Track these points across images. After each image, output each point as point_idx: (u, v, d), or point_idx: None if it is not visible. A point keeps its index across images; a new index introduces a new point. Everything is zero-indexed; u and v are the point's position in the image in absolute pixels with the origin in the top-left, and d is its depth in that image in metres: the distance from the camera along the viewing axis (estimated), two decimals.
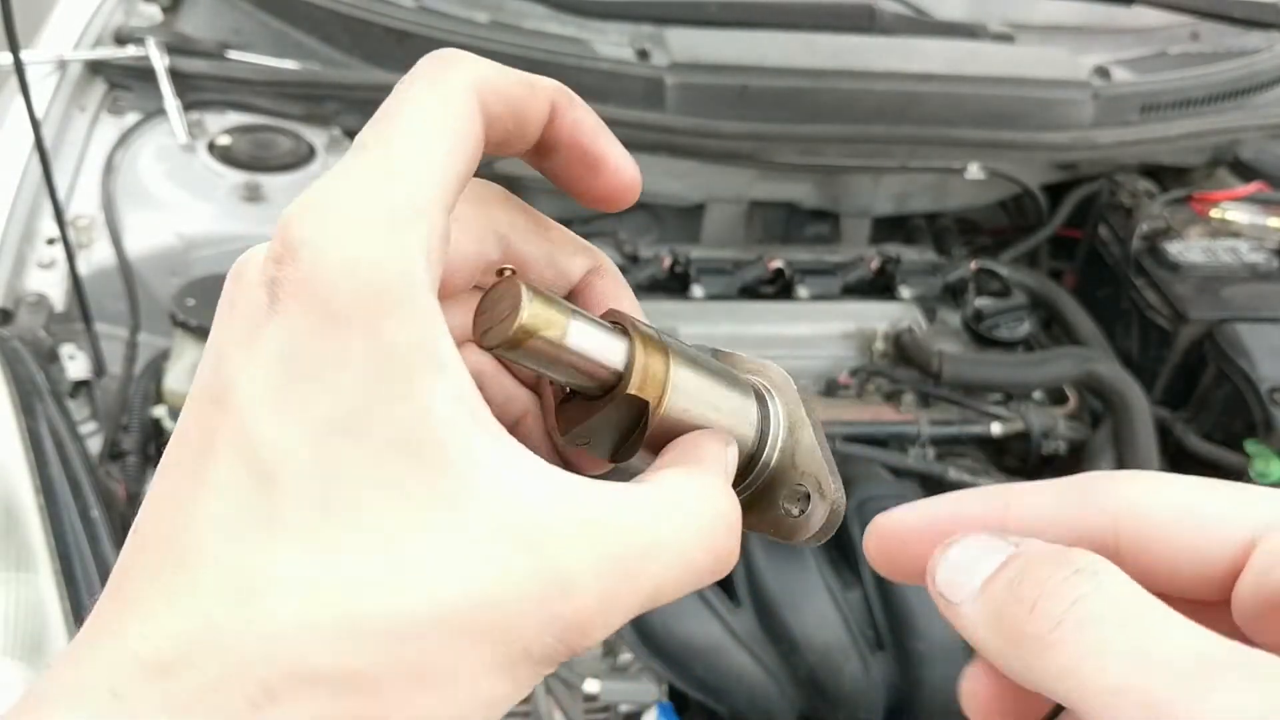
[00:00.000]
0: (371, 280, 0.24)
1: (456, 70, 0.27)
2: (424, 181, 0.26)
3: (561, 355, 0.29)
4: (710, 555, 0.28)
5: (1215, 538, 0.26)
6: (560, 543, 0.25)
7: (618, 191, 0.32)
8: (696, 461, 0.30)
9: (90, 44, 1.44)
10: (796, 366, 1.37)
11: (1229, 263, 1.40)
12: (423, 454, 0.24)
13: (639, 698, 1.07)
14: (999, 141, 1.49)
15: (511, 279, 0.29)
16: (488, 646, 0.24)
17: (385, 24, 1.42)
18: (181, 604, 0.23)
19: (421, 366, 0.25)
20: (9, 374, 1.02)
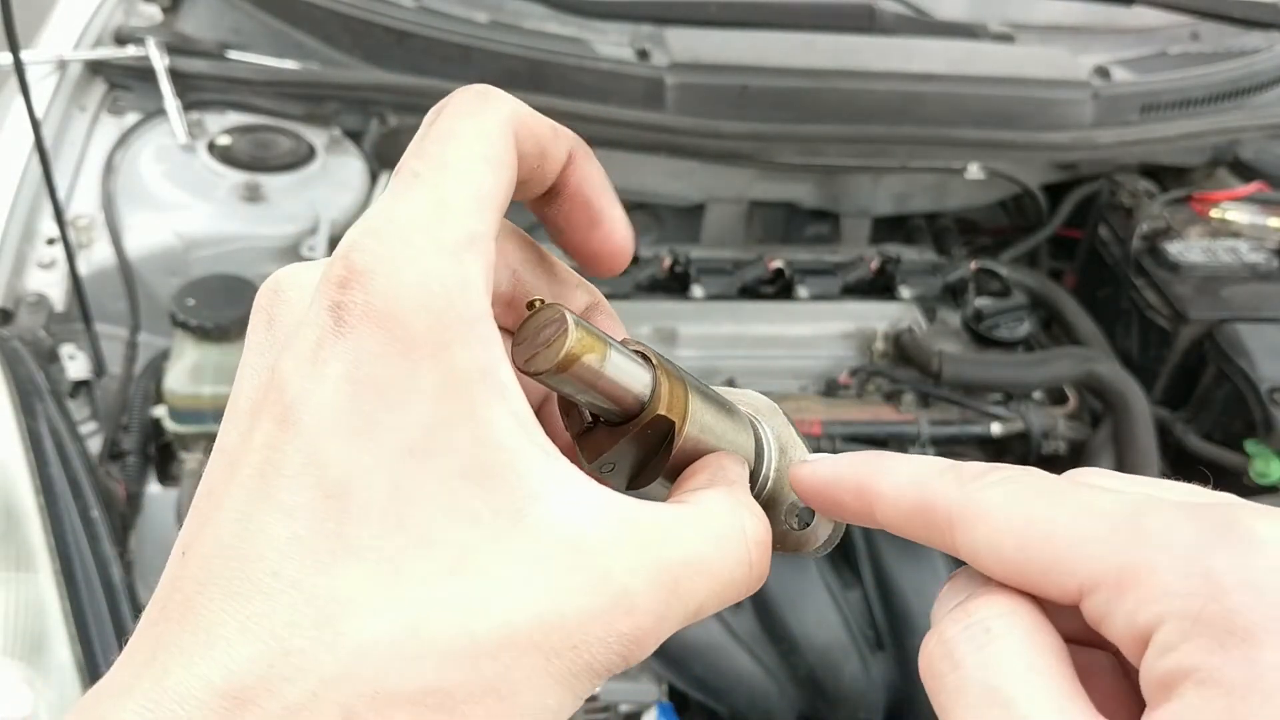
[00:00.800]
0: (441, 306, 0.25)
1: (497, 104, 0.29)
2: (477, 211, 0.27)
3: (599, 381, 0.30)
4: (745, 571, 0.29)
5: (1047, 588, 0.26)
6: (619, 560, 0.26)
7: (610, 251, 0.32)
8: (728, 483, 0.31)
9: (90, 44, 1.44)
10: (796, 366, 1.37)
11: (1229, 263, 1.40)
12: (488, 477, 0.25)
13: (639, 698, 1.07)
14: (999, 141, 1.49)
15: (554, 306, 0.30)
16: (556, 661, 0.25)
17: (385, 24, 1.42)
18: (256, 629, 0.23)
19: (486, 391, 0.26)
20: (9, 374, 1.02)
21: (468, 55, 1.42)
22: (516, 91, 0.30)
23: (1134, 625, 0.24)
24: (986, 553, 0.27)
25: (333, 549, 0.24)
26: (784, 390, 1.33)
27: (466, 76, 1.41)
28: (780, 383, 1.35)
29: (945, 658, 0.26)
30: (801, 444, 0.36)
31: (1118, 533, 0.25)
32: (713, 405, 0.34)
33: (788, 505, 0.36)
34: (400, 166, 0.27)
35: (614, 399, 0.31)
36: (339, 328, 0.25)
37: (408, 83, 1.41)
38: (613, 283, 1.40)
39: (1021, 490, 0.27)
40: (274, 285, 0.29)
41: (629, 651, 0.26)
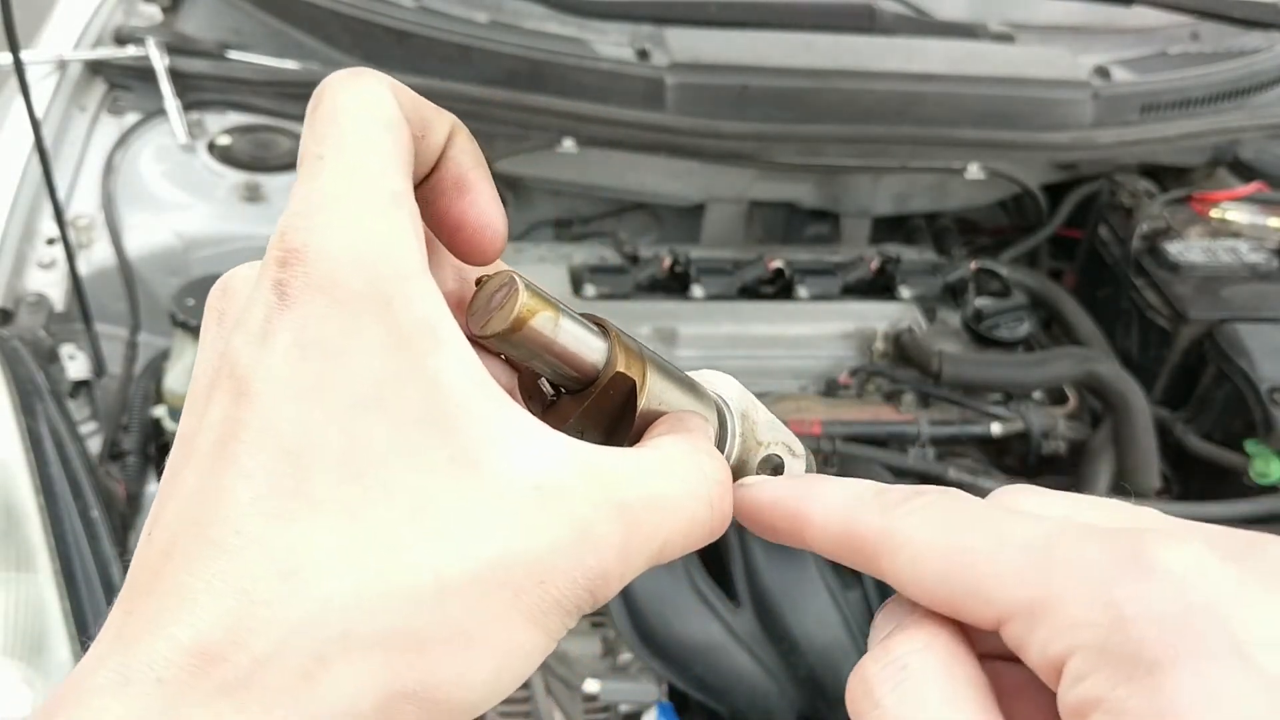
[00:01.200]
0: (376, 266, 0.26)
1: (372, 77, 0.29)
2: (389, 173, 0.27)
3: (553, 344, 0.31)
4: (707, 510, 0.30)
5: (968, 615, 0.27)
6: (580, 498, 0.27)
7: (475, 222, 0.32)
8: (686, 430, 0.32)
9: (90, 44, 1.44)
10: (796, 366, 1.37)
11: (1229, 263, 1.40)
12: (440, 424, 0.26)
13: (639, 698, 1.07)
14: (999, 141, 1.49)
15: (503, 272, 0.31)
16: (523, 598, 0.25)
17: (385, 24, 1.42)
18: (221, 587, 0.24)
19: (430, 342, 0.26)
20: (9, 374, 1.02)
21: (468, 55, 1.42)
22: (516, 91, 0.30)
23: (1046, 655, 0.24)
24: (910, 580, 0.28)
25: (293, 504, 0.24)
26: (784, 390, 1.33)
27: (466, 76, 1.41)
28: (780, 383, 1.35)
29: (866, 696, 0.26)
30: (765, 411, 0.37)
31: (1030, 562, 0.25)
32: (671, 376, 0.34)
33: (761, 462, 0.37)
34: (302, 156, 0.28)
35: (570, 363, 0.32)
36: (283, 301, 0.26)
37: (407, 83, 1.40)
38: (612, 282, 1.40)
39: (942, 517, 0.28)
40: (222, 285, 0.30)
41: (596, 587, 0.26)
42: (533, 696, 1.09)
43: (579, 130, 1.42)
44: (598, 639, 1.13)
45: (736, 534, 1.11)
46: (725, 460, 0.32)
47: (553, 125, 1.42)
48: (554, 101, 1.41)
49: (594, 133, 1.42)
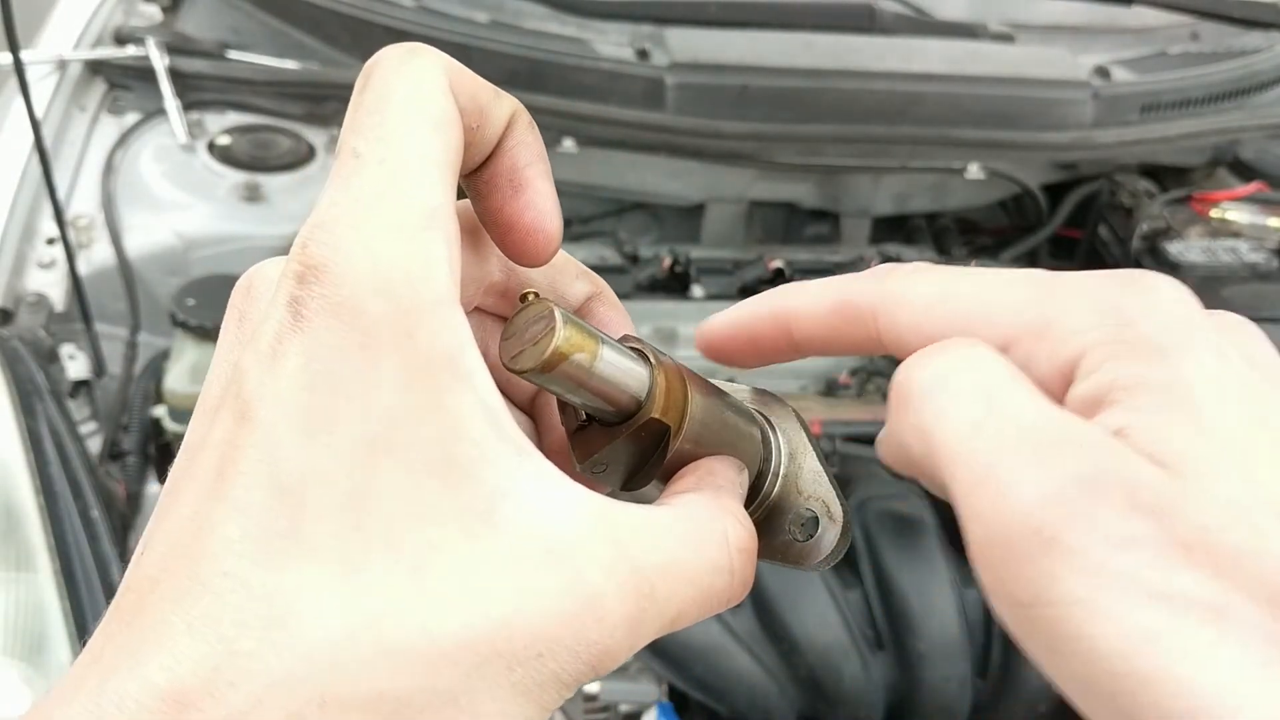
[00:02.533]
0: (400, 291, 0.24)
1: (428, 60, 0.27)
2: (429, 184, 0.25)
3: (590, 380, 0.29)
4: (727, 579, 0.28)
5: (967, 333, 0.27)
6: (591, 563, 0.25)
7: (530, 223, 0.30)
8: (714, 487, 0.30)
9: (90, 44, 1.44)
10: (796, 366, 1.37)
11: (1229, 263, 1.40)
12: (455, 473, 0.24)
13: (639, 698, 1.07)
14: (999, 141, 1.49)
15: (542, 302, 0.28)
16: (519, 670, 0.24)
17: (385, 24, 1.42)
18: (203, 630, 0.22)
19: (452, 379, 0.24)
20: (9, 374, 1.02)
21: (468, 55, 1.42)
22: (516, 91, 0.30)
23: (1056, 362, 0.26)
24: (910, 333, 0.28)
25: (286, 547, 0.23)
26: (784, 390, 1.33)
27: None
28: (780, 382, 1.35)
29: (920, 391, 0.27)
30: (813, 450, 0.35)
31: (1032, 292, 0.27)
32: (716, 408, 0.32)
33: (793, 515, 0.34)
34: (340, 146, 0.26)
35: (607, 399, 0.30)
36: (296, 322, 0.24)
37: None
38: (612, 282, 1.39)
39: (937, 273, 0.29)
40: (246, 282, 0.28)
41: (599, 662, 0.25)
42: None
43: (579, 130, 1.42)
44: None
45: None
46: (749, 524, 0.30)
47: (553, 125, 1.42)
48: (554, 101, 1.41)
49: (594, 133, 1.42)
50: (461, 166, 0.28)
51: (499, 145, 0.29)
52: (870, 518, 1.13)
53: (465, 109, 0.27)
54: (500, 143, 0.29)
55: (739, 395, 0.36)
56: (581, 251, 1.49)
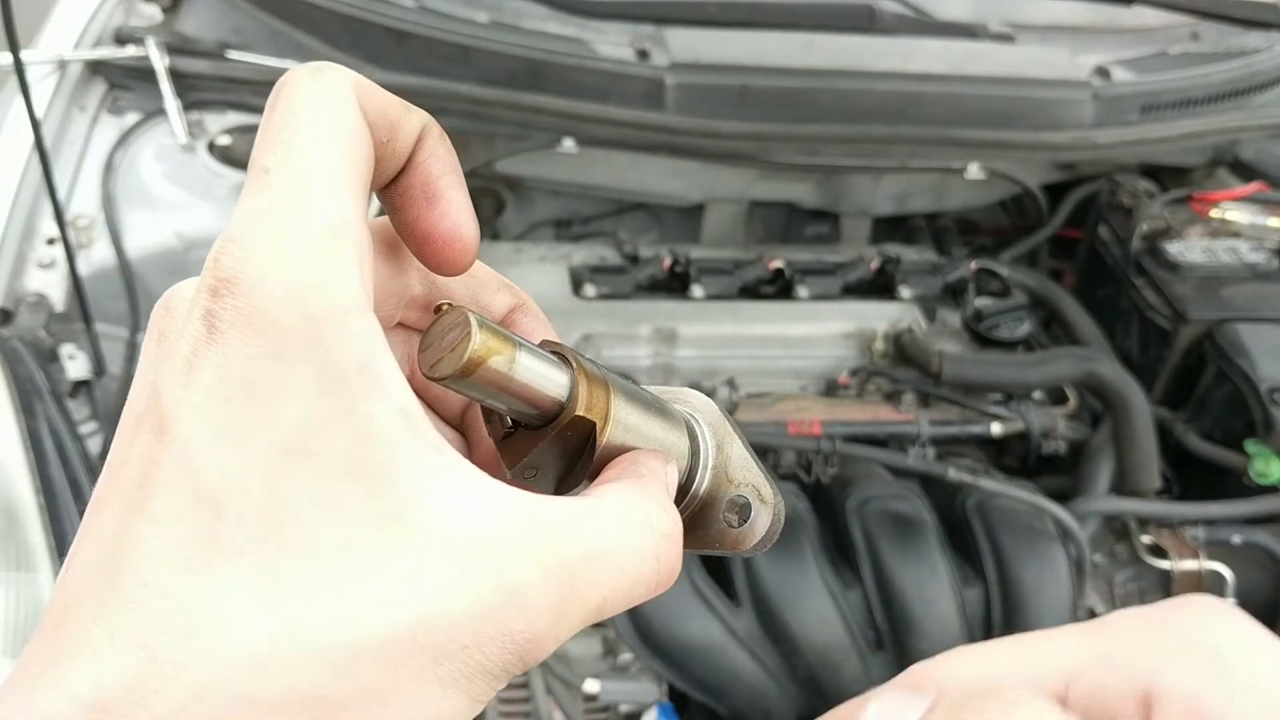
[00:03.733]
0: (311, 301, 0.24)
1: (335, 77, 0.27)
2: (337, 196, 0.26)
3: (510, 384, 0.29)
4: (652, 565, 0.28)
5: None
6: (511, 556, 0.25)
7: (445, 233, 0.30)
8: (637, 476, 0.31)
9: (90, 44, 1.44)
10: (796, 366, 1.37)
11: (1229, 263, 1.40)
12: (369, 475, 0.24)
13: (639, 698, 1.07)
14: (999, 141, 1.49)
15: (457, 309, 0.29)
16: (445, 664, 0.24)
17: (385, 24, 1.42)
18: (125, 641, 0.22)
19: (364, 385, 0.25)
20: (9, 374, 1.02)
21: (468, 55, 1.42)
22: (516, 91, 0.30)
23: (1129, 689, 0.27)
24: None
25: (206, 555, 0.23)
26: (784, 390, 1.33)
27: (466, 76, 1.41)
28: (780, 383, 1.35)
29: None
30: (739, 439, 0.36)
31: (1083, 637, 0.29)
32: (639, 405, 0.33)
33: (727, 502, 0.35)
34: (251, 164, 0.26)
35: (530, 402, 0.30)
36: (211, 335, 0.24)
37: (408, 83, 1.41)
38: (612, 282, 1.40)
39: (973, 654, 0.30)
40: (165, 302, 0.29)
41: (525, 651, 0.25)
42: (533, 696, 1.09)
43: (579, 130, 1.42)
44: (598, 639, 1.13)
45: None
46: (673, 511, 0.30)
47: (553, 125, 1.42)
48: (554, 101, 1.41)
49: (594, 133, 1.42)
50: (375, 180, 0.29)
51: (411, 158, 0.30)
52: (870, 518, 1.13)
53: (375, 123, 0.28)
54: (413, 156, 0.30)
55: (663, 395, 0.36)
56: (582, 252, 1.49)
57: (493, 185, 1.62)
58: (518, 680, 1.11)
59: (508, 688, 1.10)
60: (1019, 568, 1.11)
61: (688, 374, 1.33)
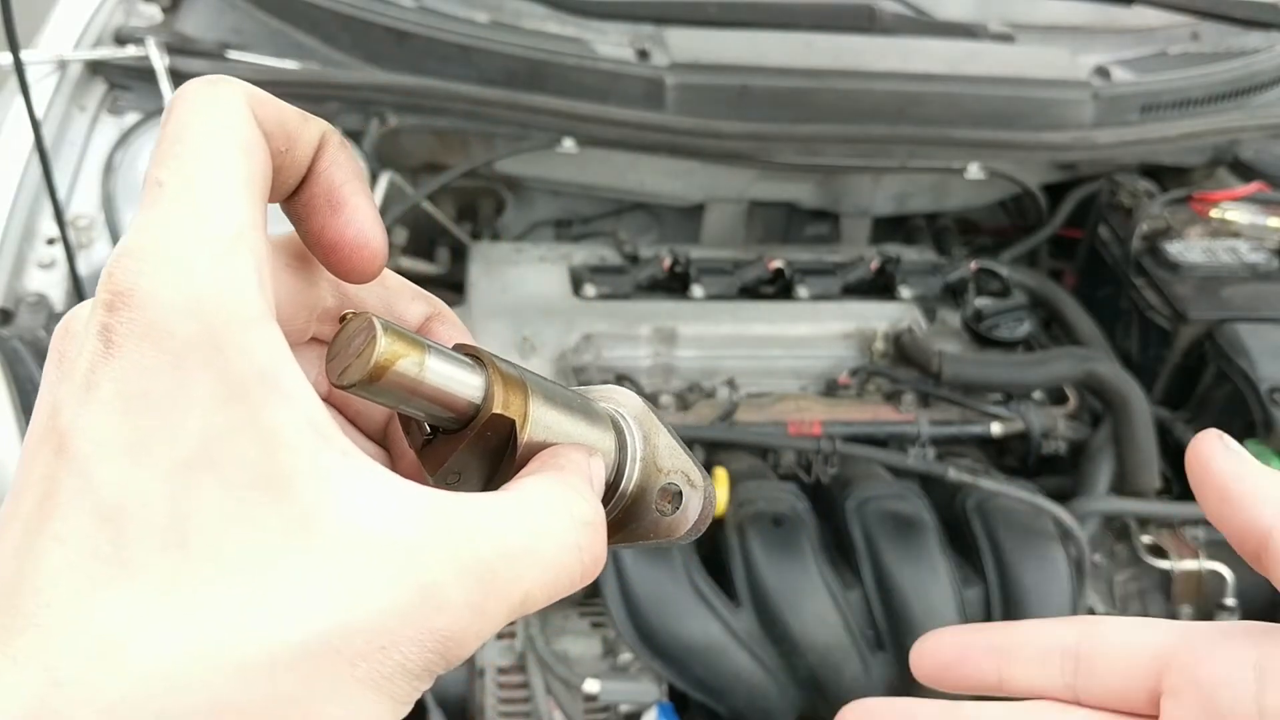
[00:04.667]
0: (209, 311, 0.24)
1: (227, 89, 0.27)
2: (231, 206, 0.26)
3: (420, 387, 0.29)
4: (575, 555, 0.28)
5: None
6: (425, 555, 0.25)
7: (351, 241, 0.30)
8: (558, 469, 0.31)
9: (90, 44, 1.44)
10: (796, 366, 1.37)
11: (1229, 263, 1.40)
12: (275, 483, 0.24)
13: (639, 698, 1.07)
14: (999, 141, 1.49)
15: (362, 316, 0.29)
16: (362, 666, 0.24)
17: (385, 24, 1.42)
18: (27, 663, 0.22)
19: (267, 394, 0.24)
20: (9, 374, 1.02)
21: (468, 55, 1.42)
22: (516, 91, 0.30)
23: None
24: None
25: (110, 573, 0.23)
26: (784, 390, 1.33)
27: (467, 76, 1.41)
28: (780, 383, 1.35)
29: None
30: (664, 429, 0.36)
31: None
32: (559, 404, 0.33)
33: (658, 491, 0.35)
34: (145, 179, 0.26)
35: (444, 405, 0.30)
36: (108, 350, 0.24)
37: (408, 83, 1.41)
38: (612, 282, 1.40)
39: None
40: (64, 325, 0.28)
41: (447, 649, 0.25)
42: (533, 696, 1.09)
43: (579, 130, 1.42)
44: (598, 639, 1.13)
45: (736, 534, 1.11)
46: (595, 501, 0.30)
47: (553, 125, 1.42)
48: (554, 101, 1.41)
49: (594, 133, 1.42)
50: (276, 191, 0.29)
51: (313, 167, 0.30)
52: (870, 518, 1.13)
53: (271, 134, 0.28)
54: (313, 165, 0.30)
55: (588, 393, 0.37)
56: (582, 252, 1.49)
57: (493, 185, 1.62)
58: (518, 680, 1.11)
59: (508, 688, 1.10)
60: (1019, 568, 1.11)
61: (688, 374, 1.33)
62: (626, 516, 0.36)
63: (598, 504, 0.30)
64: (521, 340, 1.28)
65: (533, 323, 1.31)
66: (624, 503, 0.36)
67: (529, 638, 1.10)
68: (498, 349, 1.29)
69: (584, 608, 1.16)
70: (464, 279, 1.42)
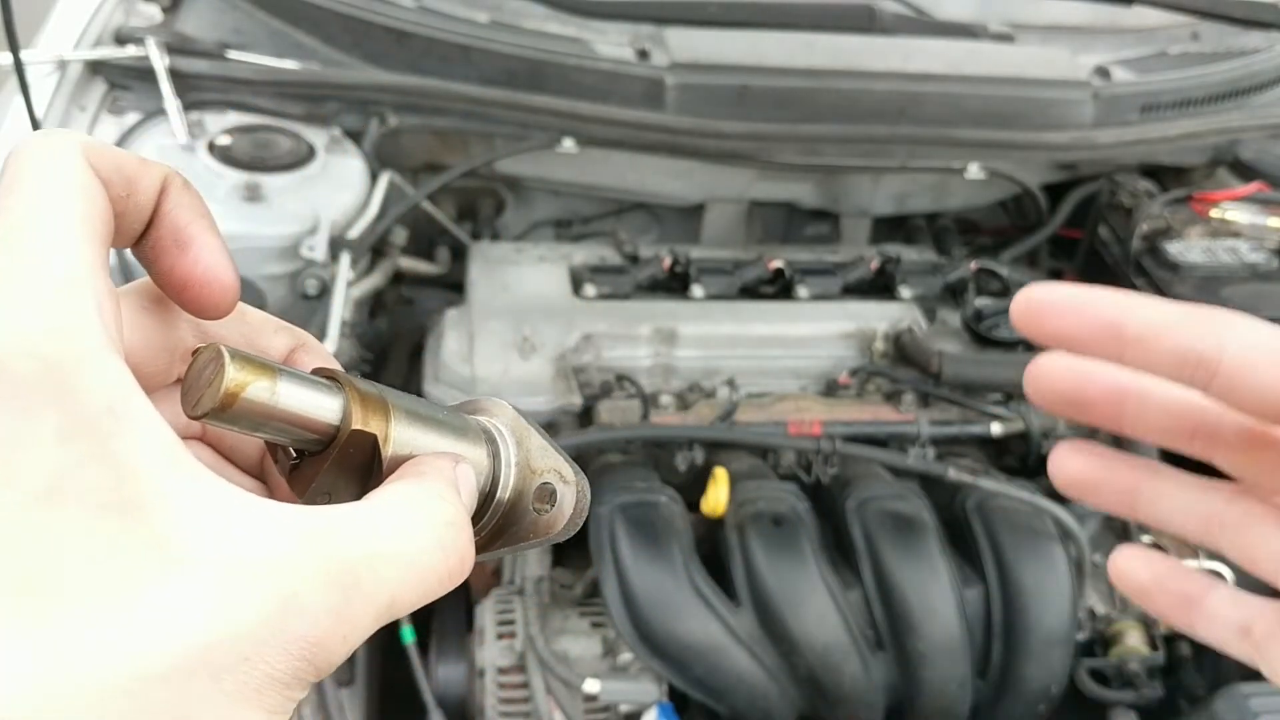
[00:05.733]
0: (45, 353, 0.25)
1: (60, 139, 0.28)
2: (66, 249, 0.26)
3: (275, 412, 0.30)
4: (441, 556, 0.29)
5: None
6: (280, 565, 0.25)
7: (200, 279, 0.31)
8: (418, 474, 0.31)
9: (90, 44, 1.44)
10: (796, 366, 1.37)
11: (1229, 263, 1.40)
12: (127, 509, 0.24)
13: (639, 698, 1.07)
14: (999, 141, 1.49)
15: (211, 346, 0.29)
16: (227, 678, 0.24)
17: (385, 24, 1.42)
18: None
19: (116, 425, 0.25)
20: None
21: (468, 55, 1.42)
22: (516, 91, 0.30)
23: None
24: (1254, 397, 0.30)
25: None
26: (784, 390, 1.33)
27: (467, 76, 1.41)
28: (780, 383, 1.35)
29: None
30: (534, 430, 0.36)
31: None
32: (422, 420, 0.33)
33: (535, 493, 0.36)
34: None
35: (302, 427, 0.30)
36: None
37: (408, 83, 1.41)
38: (612, 282, 1.40)
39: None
40: None
41: (314, 655, 0.25)
42: (532, 696, 1.09)
43: (579, 130, 1.42)
44: (598, 639, 1.13)
45: (736, 534, 1.11)
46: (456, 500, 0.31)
47: (553, 125, 1.42)
48: (554, 101, 1.41)
49: (594, 133, 1.42)
50: (122, 236, 0.29)
51: (157, 210, 0.30)
52: (870, 518, 1.13)
53: (109, 179, 0.28)
54: (158, 208, 0.30)
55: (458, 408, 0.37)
56: (582, 252, 1.49)
57: (493, 185, 1.62)
58: (518, 680, 1.11)
59: (508, 688, 1.10)
60: (1019, 568, 1.11)
61: (688, 374, 1.33)
62: (507, 521, 0.36)
63: (459, 504, 0.31)
64: (521, 340, 1.28)
65: (533, 323, 1.31)
66: (503, 508, 0.36)
67: (529, 638, 1.10)
68: (498, 349, 1.30)
69: (584, 608, 1.16)
70: (464, 279, 1.42)
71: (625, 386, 1.25)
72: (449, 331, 1.31)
